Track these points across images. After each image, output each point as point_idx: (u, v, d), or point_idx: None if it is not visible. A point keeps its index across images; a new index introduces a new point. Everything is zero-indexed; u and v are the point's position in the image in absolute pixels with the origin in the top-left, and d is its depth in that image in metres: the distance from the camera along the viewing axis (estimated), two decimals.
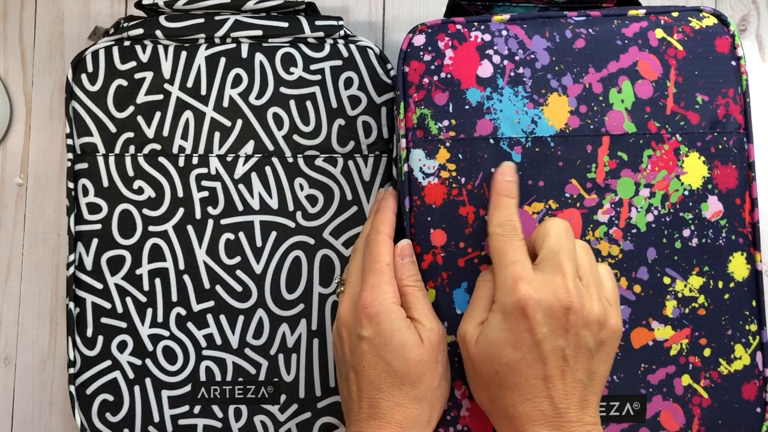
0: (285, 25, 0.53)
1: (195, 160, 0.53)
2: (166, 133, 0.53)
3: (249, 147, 0.53)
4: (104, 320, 0.52)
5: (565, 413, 0.39)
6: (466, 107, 0.46)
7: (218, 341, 0.52)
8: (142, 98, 0.53)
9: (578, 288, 0.40)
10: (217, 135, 0.53)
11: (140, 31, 0.53)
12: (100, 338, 0.52)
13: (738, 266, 0.46)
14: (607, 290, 0.42)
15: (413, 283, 0.44)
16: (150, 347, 0.52)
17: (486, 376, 0.41)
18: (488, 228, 0.43)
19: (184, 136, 0.53)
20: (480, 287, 0.43)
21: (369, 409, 0.42)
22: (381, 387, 0.42)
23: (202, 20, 0.53)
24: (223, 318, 0.52)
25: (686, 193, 0.46)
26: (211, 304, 0.52)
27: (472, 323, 0.42)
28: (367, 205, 0.53)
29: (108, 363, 0.52)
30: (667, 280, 0.46)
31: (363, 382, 0.43)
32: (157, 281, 0.52)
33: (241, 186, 0.53)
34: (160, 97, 0.53)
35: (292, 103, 0.53)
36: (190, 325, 0.52)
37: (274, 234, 0.52)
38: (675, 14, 0.47)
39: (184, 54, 0.53)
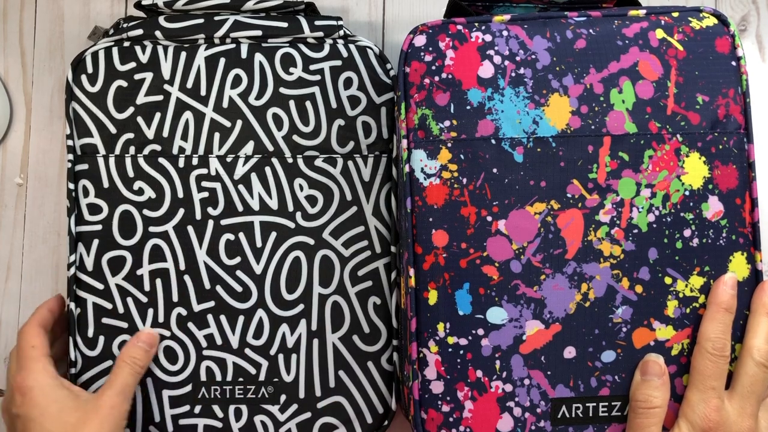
0: (284, 25, 0.53)
1: (195, 161, 0.53)
2: (166, 133, 0.53)
3: (249, 147, 0.53)
4: (105, 320, 0.52)
5: None
6: (468, 108, 0.46)
7: (218, 341, 0.52)
8: (141, 99, 0.53)
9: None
10: (216, 135, 0.53)
11: (140, 31, 0.53)
12: (101, 338, 0.52)
13: (738, 266, 0.46)
14: None
15: (128, 360, 0.50)
16: None
17: None
18: (698, 337, 0.45)
19: (184, 137, 0.53)
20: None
21: None
22: None
23: (201, 20, 0.53)
24: (223, 318, 0.52)
25: (687, 193, 0.46)
26: (211, 304, 0.52)
27: None
28: (366, 205, 0.53)
29: (109, 363, 0.52)
30: (668, 280, 0.46)
31: None
32: (158, 281, 0.52)
33: (240, 186, 0.53)
34: (159, 97, 0.53)
35: (291, 103, 0.53)
36: (190, 325, 0.52)
37: (273, 234, 0.52)
38: (675, 14, 0.47)
39: (183, 54, 0.53)
